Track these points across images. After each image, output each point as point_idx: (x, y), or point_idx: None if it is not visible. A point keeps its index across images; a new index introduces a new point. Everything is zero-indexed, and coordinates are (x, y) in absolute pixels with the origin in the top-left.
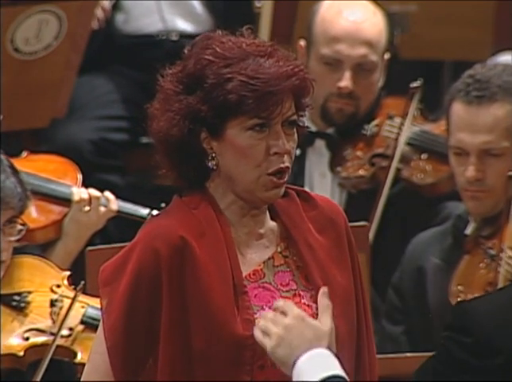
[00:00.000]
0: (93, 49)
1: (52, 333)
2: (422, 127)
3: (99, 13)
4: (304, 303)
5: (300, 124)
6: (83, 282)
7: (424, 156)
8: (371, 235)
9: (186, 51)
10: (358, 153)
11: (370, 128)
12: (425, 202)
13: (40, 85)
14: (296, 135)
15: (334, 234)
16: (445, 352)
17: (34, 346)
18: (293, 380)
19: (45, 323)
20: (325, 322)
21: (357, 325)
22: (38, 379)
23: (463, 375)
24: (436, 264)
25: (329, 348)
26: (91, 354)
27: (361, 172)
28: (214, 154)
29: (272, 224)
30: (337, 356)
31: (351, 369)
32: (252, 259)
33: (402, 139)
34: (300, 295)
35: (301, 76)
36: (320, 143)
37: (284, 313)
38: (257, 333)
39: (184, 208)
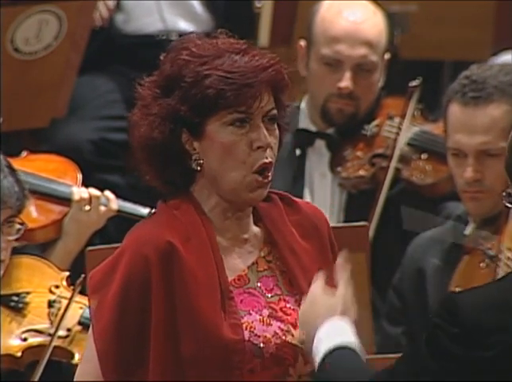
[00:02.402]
0: (93, 49)
1: (50, 334)
2: (422, 127)
3: (104, 11)
4: (289, 308)
5: (281, 123)
6: (80, 279)
7: (424, 156)
8: (370, 234)
9: (162, 57)
10: (359, 153)
11: (370, 128)
12: (425, 202)
13: (40, 85)
14: (277, 132)
15: (317, 239)
16: (433, 339)
17: (32, 347)
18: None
19: (43, 324)
20: (341, 293)
21: None
22: (36, 379)
23: (448, 364)
24: (436, 265)
25: (344, 315)
26: (82, 361)
27: (361, 172)
28: (197, 155)
29: (255, 228)
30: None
31: None
32: (236, 264)
33: (401, 138)
34: (285, 300)
35: (277, 68)
36: (320, 143)
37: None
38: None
39: (169, 212)
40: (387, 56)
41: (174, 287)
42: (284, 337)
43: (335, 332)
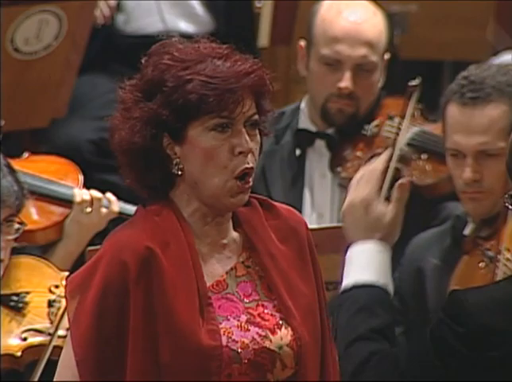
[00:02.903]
0: (93, 49)
1: (49, 334)
2: (422, 127)
3: (106, 10)
4: (267, 313)
5: (262, 129)
6: None
7: (424, 156)
8: None
9: (143, 61)
10: (359, 153)
11: (370, 128)
12: (425, 202)
13: (40, 85)
14: (258, 137)
15: (296, 244)
16: (438, 336)
17: (32, 346)
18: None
19: (43, 323)
20: (389, 213)
21: (321, 336)
22: (36, 379)
23: (452, 360)
24: (435, 265)
25: (384, 238)
26: (59, 367)
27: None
28: (178, 160)
29: (234, 233)
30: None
31: (316, 378)
32: (215, 269)
33: (401, 138)
34: (263, 305)
35: (260, 74)
36: (320, 143)
37: (368, 180)
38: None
39: (148, 217)
40: (387, 56)
41: (152, 293)
42: (262, 343)
43: (369, 262)
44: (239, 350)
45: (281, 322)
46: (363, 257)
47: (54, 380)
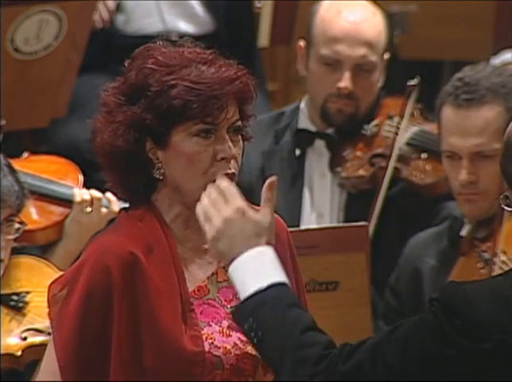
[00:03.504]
0: (93, 49)
1: (49, 333)
2: (422, 127)
3: (104, 13)
4: None
5: (245, 134)
6: None
7: (423, 156)
8: (370, 234)
9: (126, 64)
10: (358, 153)
11: (369, 128)
12: (425, 202)
13: (40, 85)
14: (241, 143)
15: (277, 246)
16: (434, 322)
17: (32, 346)
18: (230, 277)
19: (43, 323)
20: (266, 216)
21: None
22: (35, 379)
23: (447, 348)
24: (432, 265)
25: (268, 242)
26: (41, 372)
27: (361, 172)
28: (160, 164)
29: None
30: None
31: None
32: (196, 274)
33: (400, 136)
34: None
35: (244, 80)
36: (319, 143)
37: (226, 200)
38: (200, 213)
39: (130, 222)
40: (387, 56)
41: (136, 298)
42: (243, 348)
43: (272, 264)
44: (221, 356)
45: None
46: (263, 261)
47: None
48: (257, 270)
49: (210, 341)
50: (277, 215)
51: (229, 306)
